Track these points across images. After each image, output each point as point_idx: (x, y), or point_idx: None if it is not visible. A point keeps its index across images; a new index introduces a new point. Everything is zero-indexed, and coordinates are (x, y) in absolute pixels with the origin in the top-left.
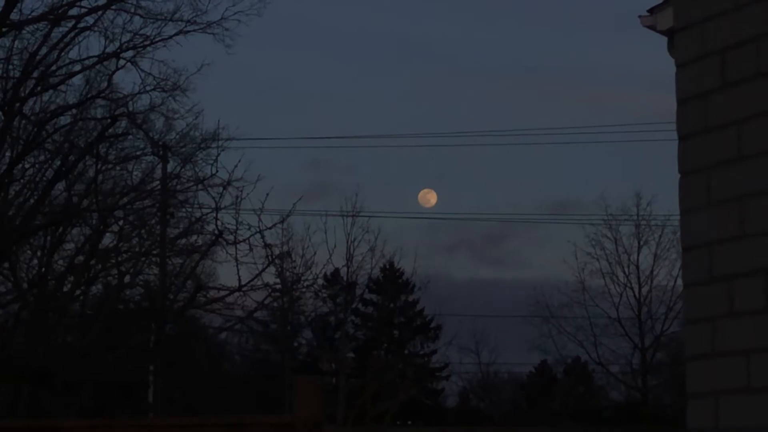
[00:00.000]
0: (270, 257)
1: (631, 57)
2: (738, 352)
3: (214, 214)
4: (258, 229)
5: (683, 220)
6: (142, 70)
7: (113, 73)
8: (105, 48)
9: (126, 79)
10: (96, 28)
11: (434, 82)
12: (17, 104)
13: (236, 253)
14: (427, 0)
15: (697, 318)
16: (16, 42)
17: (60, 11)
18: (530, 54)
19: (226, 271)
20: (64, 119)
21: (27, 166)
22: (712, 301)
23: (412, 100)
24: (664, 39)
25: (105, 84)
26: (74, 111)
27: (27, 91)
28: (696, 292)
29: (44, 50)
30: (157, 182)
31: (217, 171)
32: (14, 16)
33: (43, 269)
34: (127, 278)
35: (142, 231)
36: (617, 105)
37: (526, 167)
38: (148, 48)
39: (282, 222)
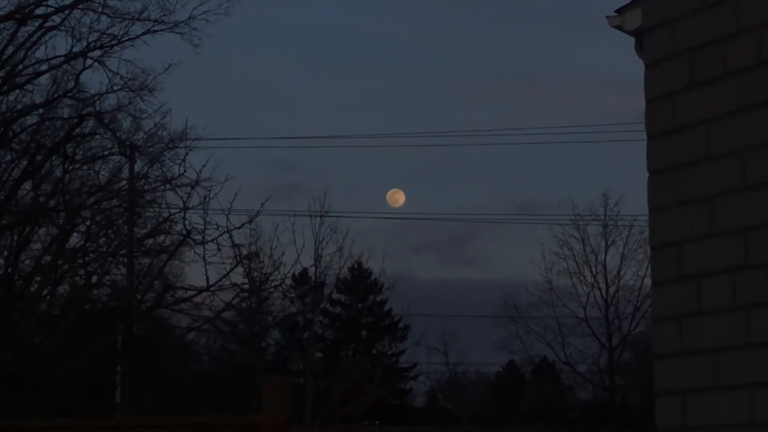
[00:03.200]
0: (238, 257)
1: (598, 57)
2: (706, 350)
3: (182, 214)
4: (226, 229)
5: (652, 219)
6: (110, 70)
7: (80, 72)
8: (72, 47)
9: (93, 79)
10: (63, 28)
11: (402, 82)
12: None
13: (204, 253)
14: (395, 0)
15: (665, 316)
16: None
17: (26, 10)
18: (498, 55)
19: (194, 271)
20: (31, 119)
21: None
22: (680, 299)
23: (381, 100)
24: (632, 39)
25: (72, 83)
26: (41, 110)
27: None
28: (664, 291)
29: (10, 49)
30: (125, 182)
31: (184, 171)
32: None
33: (10, 269)
34: (94, 278)
35: (110, 231)
36: (584, 105)
37: (493, 167)
38: (116, 47)
39: (250, 222)
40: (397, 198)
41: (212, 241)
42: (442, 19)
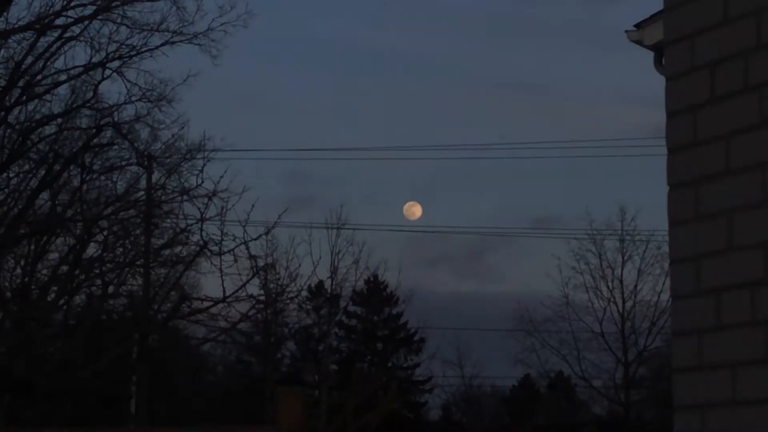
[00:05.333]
0: (254, 269)
1: (615, 72)
2: (724, 364)
3: (199, 225)
4: (243, 241)
5: (671, 232)
6: (128, 81)
7: (99, 83)
8: (91, 58)
9: (112, 89)
10: (82, 38)
11: (420, 95)
12: (2, 113)
13: (221, 264)
14: (413, 14)
15: (684, 330)
16: (2, 51)
17: (46, 21)
18: (515, 69)
19: (210, 282)
20: (49, 129)
21: (11, 175)
22: (699, 313)
23: (399, 112)
24: (651, 54)
25: (90, 94)
26: (59, 120)
27: (12, 101)
28: (683, 305)
29: (30, 59)
30: (142, 192)
31: (202, 182)
32: (0, 25)
33: (27, 279)
34: (110, 288)
35: (127, 241)
36: (602, 119)
37: (510, 181)
38: (135, 58)
39: (267, 233)
40: (413, 211)
41: (229, 252)
42: (459, 33)
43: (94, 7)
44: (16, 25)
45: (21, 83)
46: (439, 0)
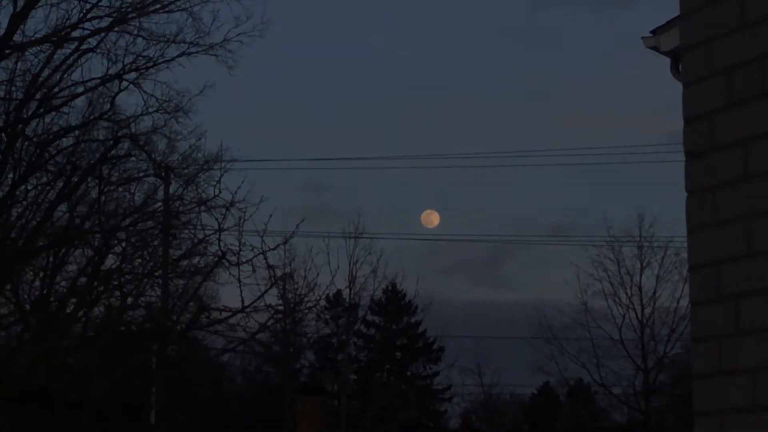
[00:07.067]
0: (273, 279)
1: (632, 79)
2: (744, 370)
3: (217, 236)
4: (261, 251)
5: (690, 238)
6: (145, 92)
7: (116, 94)
8: (108, 70)
9: (129, 101)
10: (99, 50)
11: (437, 105)
12: (20, 126)
13: (239, 275)
14: (429, 25)
15: (703, 336)
16: (19, 64)
17: (63, 33)
18: (532, 78)
19: (228, 292)
20: (67, 141)
21: (29, 187)
22: (718, 319)
23: (415, 123)
24: (667, 60)
25: (107, 106)
26: (77, 132)
27: (29, 113)
28: (702, 311)
29: (47, 72)
30: (160, 204)
31: (219, 192)
32: (17, 37)
33: (46, 291)
34: (129, 300)
35: (145, 252)
36: (619, 127)
37: (528, 189)
38: (151, 70)
39: (285, 243)
40: (431, 219)
41: (247, 262)
42: (475, 42)
43: (111, 19)
44: (33, 38)
45: (38, 96)
46: (454, 11)
